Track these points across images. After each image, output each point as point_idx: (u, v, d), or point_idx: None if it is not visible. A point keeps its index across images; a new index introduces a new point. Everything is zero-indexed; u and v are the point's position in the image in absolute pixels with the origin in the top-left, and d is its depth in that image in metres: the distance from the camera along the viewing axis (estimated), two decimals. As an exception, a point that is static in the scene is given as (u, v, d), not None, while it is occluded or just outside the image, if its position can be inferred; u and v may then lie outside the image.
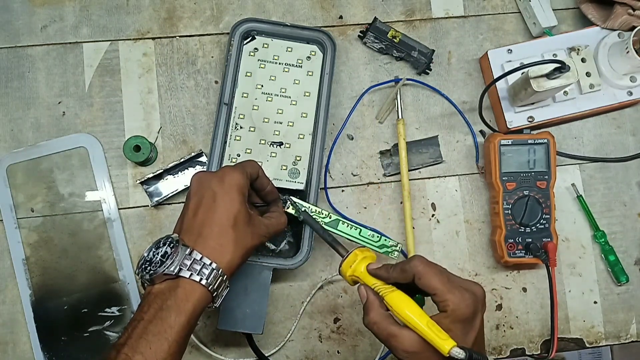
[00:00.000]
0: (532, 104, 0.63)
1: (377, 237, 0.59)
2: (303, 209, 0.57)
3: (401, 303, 0.44)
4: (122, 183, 0.64)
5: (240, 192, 0.49)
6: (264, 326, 0.58)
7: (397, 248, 0.59)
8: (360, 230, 0.59)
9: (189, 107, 0.65)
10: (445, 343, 0.41)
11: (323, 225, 0.57)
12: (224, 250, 0.46)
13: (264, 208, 0.57)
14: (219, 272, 0.45)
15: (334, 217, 0.58)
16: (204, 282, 0.44)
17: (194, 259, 0.45)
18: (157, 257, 0.45)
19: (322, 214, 0.58)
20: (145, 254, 0.46)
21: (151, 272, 0.45)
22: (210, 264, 0.45)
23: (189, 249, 0.45)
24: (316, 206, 0.58)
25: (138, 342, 0.42)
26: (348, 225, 0.58)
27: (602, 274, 0.65)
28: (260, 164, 0.54)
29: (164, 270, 0.44)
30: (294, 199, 0.57)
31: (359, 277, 0.48)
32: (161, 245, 0.46)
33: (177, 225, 0.49)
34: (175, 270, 0.44)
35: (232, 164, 0.60)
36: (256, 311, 0.58)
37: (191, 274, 0.44)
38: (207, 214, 0.47)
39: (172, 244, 0.46)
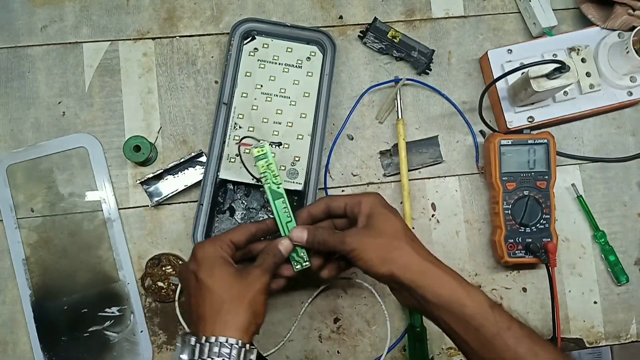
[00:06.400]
0: (532, 104, 0.63)
1: None
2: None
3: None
4: (122, 183, 0.64)
5: (218, 262, 0.48)
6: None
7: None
8: None
9: (189, 107, 0.65)
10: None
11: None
12: (230, 319, 0.46)
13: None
14: (238, 342, 0.45)
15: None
16: None
17: (209, 344, 0.45)
18: None
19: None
20: None
21: None
22: (227, 341, 0.45)
23: (197, 338, 0.45)
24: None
25: None
26: None
27: (602, 274, 0.65)
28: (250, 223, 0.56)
29: None
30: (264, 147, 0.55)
31: None
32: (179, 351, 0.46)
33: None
34: None
35: (231, 163, 0.61)
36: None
37: None
38: (199, 297, 0.47)
39: (183, 341, 0.46)
